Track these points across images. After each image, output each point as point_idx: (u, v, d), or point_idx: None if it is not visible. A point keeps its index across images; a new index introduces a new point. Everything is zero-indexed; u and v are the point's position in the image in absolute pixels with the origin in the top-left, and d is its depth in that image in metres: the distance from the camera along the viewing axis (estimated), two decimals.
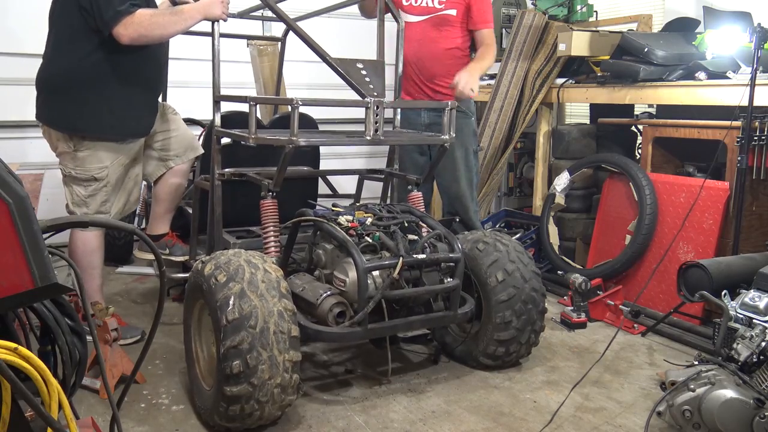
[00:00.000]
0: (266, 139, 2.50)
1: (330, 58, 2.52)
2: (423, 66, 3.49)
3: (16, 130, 4.29)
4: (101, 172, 2.76)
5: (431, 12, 3.44)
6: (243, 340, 2.02)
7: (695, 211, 3.36)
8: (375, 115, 2.43)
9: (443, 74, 3.45)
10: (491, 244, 2.71)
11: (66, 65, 2.66)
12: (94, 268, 2.87)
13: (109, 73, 2.67)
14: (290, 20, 2.66)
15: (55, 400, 1.14)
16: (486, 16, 3.47)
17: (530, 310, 2.64)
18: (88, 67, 2.64)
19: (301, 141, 2.36)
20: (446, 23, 3.44)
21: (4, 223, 1.06)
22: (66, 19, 2.64)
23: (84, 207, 2.79)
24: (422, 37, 3.45)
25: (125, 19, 2.52)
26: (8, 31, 4.24)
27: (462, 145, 3.51)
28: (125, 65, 2.69)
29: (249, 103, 2.42)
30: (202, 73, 4.51)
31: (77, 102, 2.67)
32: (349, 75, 2.51)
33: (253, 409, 2.07)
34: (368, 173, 3.43)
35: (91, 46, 2.62)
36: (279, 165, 2.51)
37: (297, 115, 2.32)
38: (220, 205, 2.80)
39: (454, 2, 3.41)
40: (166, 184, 3.09)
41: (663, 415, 2.13)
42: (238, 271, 2.14)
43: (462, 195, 3.59)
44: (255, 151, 3.21)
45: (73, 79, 2.66)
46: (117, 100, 2.71)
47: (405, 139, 3.07)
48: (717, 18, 3.63)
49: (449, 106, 2.67)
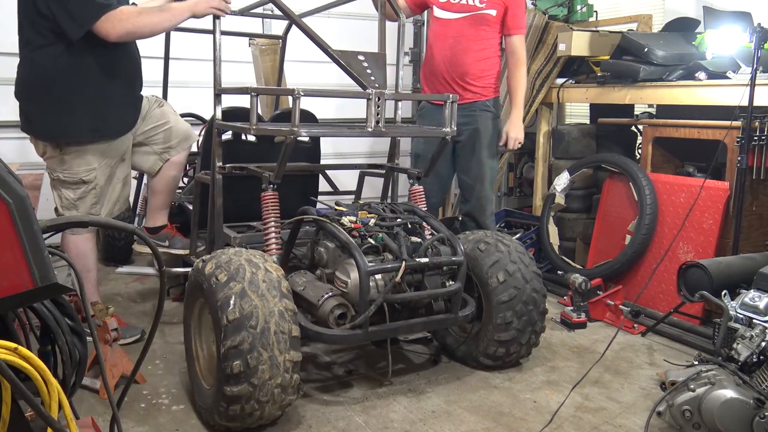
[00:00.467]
0: (267, 129, 2.50)
1: (332, 50, 2.52)
2: (456, 63, 3.46)
3: (16, 130, 4.26)
4: (89, 174, 2.75)
5: (471, 10, 3.41)
6: (243, 340, 2.01)
7: (695, 211, 3.36)
8: (376, 106, 2.44)
9: (476, 72, 3.45)
10: (492, 245, 2.70)
11: (38, 72, 2.64)
12: (89, 270, 2.87)
13: (83, 76, 2.64)
14: (294, 15, 2.66)
15: (55, 400, 1.14)
16: (520, 22, 3.46)
17: (531, 311, 2.64)
18: (61, 72, 2.61)
19: (302, 131, 2.37)
20: (484, 22, 3.41)
21: (4, 223, 1.06)
22: (27, 28, 2.62)
23: (74, 210, 2.78)
24: (458, 35, 3.43)
25: (106, 16, 2.50)
26: (7, 30, 4.23)
27: (489, 146, 3.52)
28: (98, 65, 2.66)
29: (250, 94, 2.42)
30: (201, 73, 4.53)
31: (56, 110, 2.64)
32: (350, 67, 2.51)
33: (254, 409, 2.07)
34: (369, 168, 3.43)
35: (59, 51, 2.59)
36: (280, 156, 2.50)
37: (299, 105, 2.32)
38: (220, 198, 2.79)
39: (495, 3, 3.38)
40: (163, 177, 3.08)
41: (663, 415, 2.13)
42: (239, 271, 2.13)
43: (482, 195, 3.58)
44: (255, 147, 3.20)
45: (48, 86, 2.63)
46: (95, 102, 2.68)
47: (406, 132, 3.07)
48: (717, 18, 3.63)
49: (450, 99, 2.67)
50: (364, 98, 2.44)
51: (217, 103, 2.76)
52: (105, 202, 2.85)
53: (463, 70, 3.45)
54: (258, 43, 3.68)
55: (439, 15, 3.49)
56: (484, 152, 3.51)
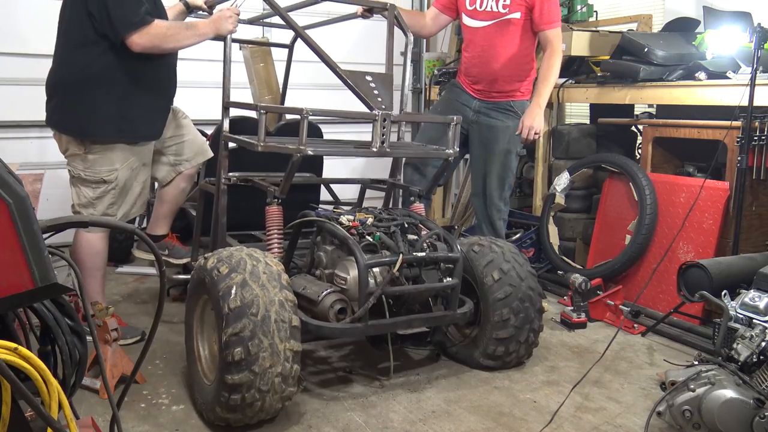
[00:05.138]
0: (275, 147, 2.51)
1: (340, 69, 2.55)
2: (487, 71, 3.46)
3: (16, 130, 4.29)
4: (111, 174, 2.76)
5: (496, 17, 3.39)
6: (244, 327, 2.05)
7: (695, 211, 3.36)
8: (382, 128, 2.47)
9: (506, 77, 3.45)
10: (486, 246, 2.75)
11: (76, 69, 2.67)
12: (98, 269, 2.88)
13: (120, 77, 2.68)
14: (300, 29, 2.68)
15: (55, 400, 1.14)
16: (550, 16, 3.39)
17: (528, 308, 2.66)
18: (98, 71, 2.65)
19: (309, 150, 2.40)
20: (511, 26, 3.39)
21: (4, 223, 1.06)
22: (76, 24, 2.65)
23: (91, 208, 2.79)
24: (486, 43, 3.43)
25: (141, 30, 2.56)
26: (9, 32, 4.24)
27: (512, 148, 3.52)
28: (136, 69, 2.70)
29: (259, 111, 2.44)
30: (200, 72, 4.52)
31: (88, 106, 2.67)
32: (358, 87, 2.54)
33: (254, 398, 2.08)
34: (371, 183, 3.44)
35: (100, 50, 2.63)
36: (286, 173, 2.53)
37: (306, 124, 2.36)
38: (225, 209, 2.81)
39: (517, 5, 3.35)
40: (174, 187, 3.10)
41: (663, 415, 2.13)
42: (240, 263, 2.19)
43: (492, 192, 3.58)
44: (260, 155, 3.21)
45: (83, 83, 2.66)
46: (128, 104, 2.71)
47: (411, 152, 3.09)
48: (717, 18, 3.63)
49: (455, 121, 2.70)
50: (371, 120, 2.47)
51: (225, 115, 2.79)
52: (122, 203, 2.86)
53: (494, 77, 3.46)
54: (249, 45, 3.68)
55: (468, 23, 3.49)
56: (498, 148, 3.50)
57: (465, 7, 3.47)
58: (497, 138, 3.50)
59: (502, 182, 3.56)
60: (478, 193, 3.65)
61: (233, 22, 2.74)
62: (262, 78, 3.87)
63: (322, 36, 3.05)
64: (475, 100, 3.56)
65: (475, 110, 3.55)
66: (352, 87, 2.54)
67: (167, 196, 3.12)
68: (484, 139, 3.53)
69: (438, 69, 5.04)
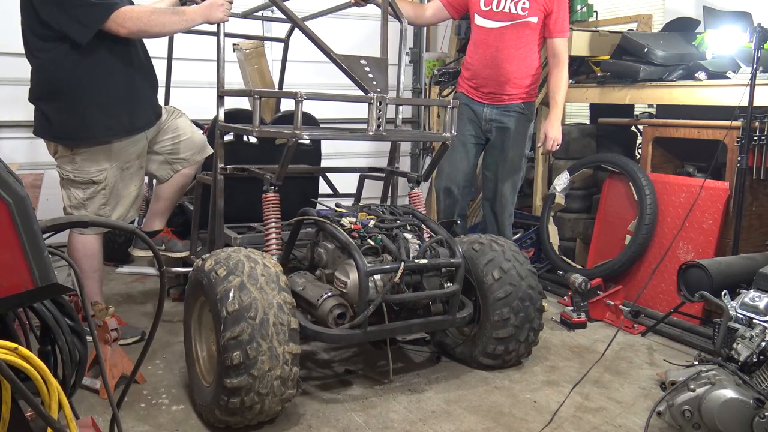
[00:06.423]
0: (270, 132, 2.51)
1: (334, 54, 2.53)
2: (499, 73, 3.44)
3: (16, 130, 4.28)
4: (99, 174, 2.75)
5: (513, 18, 3.37)
6: (243, 330, 2.04)
7: (695, 211, 3.36)
8: (378, 111, 2.45)
9: (518, 79, 3.44)
10: (487, 245, 2.74)
11: (46, 77, 2.64)
12: (95, 270, 2.87)
13: (90, 74, 2.64)
14: (296, 18, 2.67)
15: (55, 400, 1.14)
16: (564, 25, 3.42)
17: (527, 308, 2.65)
18: (67, 75, 2.61)
19: (304, 134, 2.38)
20: (527, 29, 3.38)
21: (4, 223, 1.06)
22: (30, 35, 2.62)
23: (82, 209, 2.78)
24: (500, 44, 3.41)
25: (117, 14, 2.50)
26: (9, 31, 4.23)
27: (525, 152, 3.52)
28: (104, 64, 2.66)
29: (254, 97, 2.43)
30: (200, 72, 4.53)
31: (68, 111, 2.65)
32: (352, 71, 2.52)
33: (253, 401, 2.08)
34: (369, 171, 3.43)
35: (60, 55, 2.59)
36: (282, 158, 2.51)
37: (301, 108, 2.33)
38: (222, 199, 2.80)
39: (536, 9, 3.35)
40: (172, 185, 3.09)
41: (663, 415, 2.13)
42: (238, 266, 2.17)
43: (504, 194, 3.57)
44: (257, 149, 3.20)
45: (56, 90, 2.63)
46: (104, 100, 2.68)
47: (407, 136, 3.07)
48: (717, 18, 3.63)
49: (451, 104, 2.68)
50: (366, 102, 2.45)
51: (220, 104, 2.77)
52: (117, 204, 2.84)
53: (506, 79, 3.44)
54: (242, 47, 3.68)
55: (481, 23, 3.46)
56: (511, 152, 3.50)
57: (479, 8, 3.44)
58: (511, 142, 3.49)
59: (514, 187, 3.58)
60: (489, 197, 3.63)
61: (224, 11, 2.68)
62: (256, 79, 3.88)
63: (322, 36, 3.05)
64: (485, 107, 3.52)
65: (487, 119, 3.53)
66: (347, 71, 2.52)
67: (164, 193, 3.11)
68: (498, 144, 3.52)
69: (438, 69, 5.04)
